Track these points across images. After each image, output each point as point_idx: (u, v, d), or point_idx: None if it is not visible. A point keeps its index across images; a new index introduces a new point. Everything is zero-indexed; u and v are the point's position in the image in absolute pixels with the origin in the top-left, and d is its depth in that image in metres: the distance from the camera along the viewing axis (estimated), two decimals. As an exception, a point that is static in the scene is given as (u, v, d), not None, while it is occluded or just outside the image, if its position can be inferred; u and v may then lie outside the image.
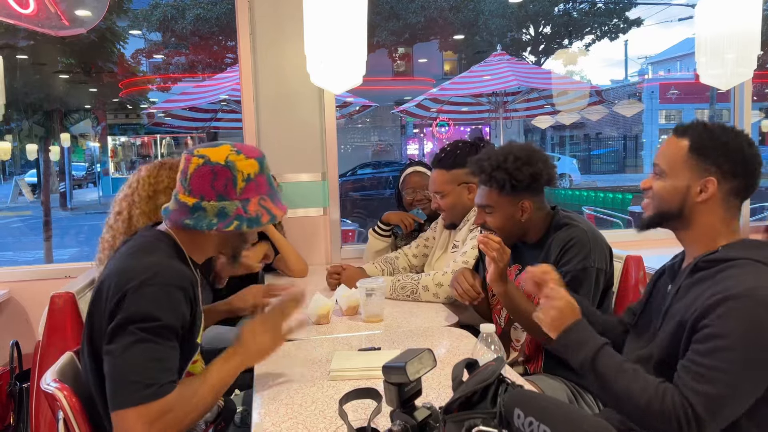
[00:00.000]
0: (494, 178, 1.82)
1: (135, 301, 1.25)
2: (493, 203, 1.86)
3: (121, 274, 1.29)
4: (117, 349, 1.23)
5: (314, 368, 1.58)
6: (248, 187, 1.39)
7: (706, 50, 2.85)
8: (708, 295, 1.22)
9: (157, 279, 1.28)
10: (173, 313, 1.28)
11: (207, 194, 1.37)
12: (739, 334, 1.16)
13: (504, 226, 1.87)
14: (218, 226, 1.36)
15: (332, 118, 3.13)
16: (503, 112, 8.80)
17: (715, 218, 1.34)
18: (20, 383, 2.41)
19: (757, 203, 6.45)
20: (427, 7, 17.12)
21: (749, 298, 1.17)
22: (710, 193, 1.33)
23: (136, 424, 1.19)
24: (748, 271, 1.23)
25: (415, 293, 2.22)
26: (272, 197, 1.45)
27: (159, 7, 16.37)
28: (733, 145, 1.32)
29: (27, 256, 9.41)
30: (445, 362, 1.52)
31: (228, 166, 1.37)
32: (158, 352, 1.24)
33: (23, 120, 13.06)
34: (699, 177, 1.33)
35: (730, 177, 1.33)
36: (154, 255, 1.34)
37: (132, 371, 1.21)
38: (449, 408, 0.93)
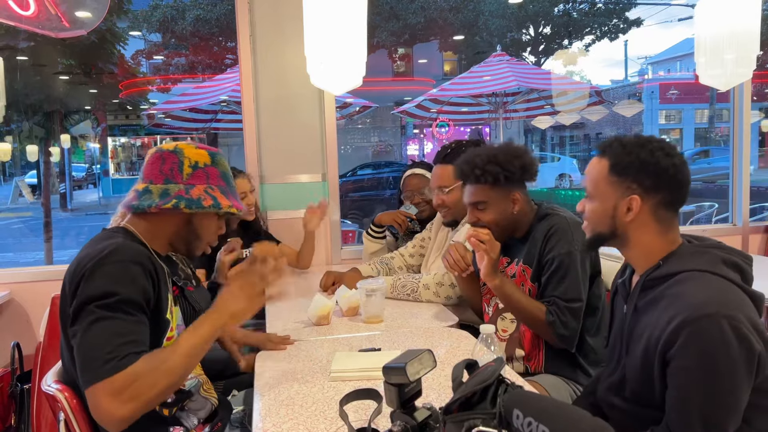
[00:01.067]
0: (488, 172, 1.84)
1: (91, 280, 1.27)
2: (486, 198, 1.88)
3: (78, 262, 1.33)
4: (78, 330, 1.25)
5: (315, 369, 1.58)
6: (195, 173, 1.44)
7: (706, 50, 2.85)
8: (666, 320, 1.21)
9: (112, 257, 1.29)
10: (132, 287, 1.29)
11: (155, 178, 1.44)
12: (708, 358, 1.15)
13: (498, 221, 1.89)
14: (157, 204, 1.40)
15: (332, 119, 3.13)
16: (503, 113, 8.80)
17: (649, 233, 1.33)
18: (21, 384, 2.42)
19: (756, 203, 6.45)
20: (427, 7, 17.12)
21: (705, 318, 1.16)
22: (636, 210, 1.32)
23: (103, 398, 1.20)
24: (693, 286, 1.23)
25: (415, 292, 2.22)
26: (223, 191, 1.47)
27: (159, 8, 16.36)
28: (649, 159, 1.30)
29: (27, 258, 9.41)
30: (445, 363, 1.52)
31: (175, 152, 1.45)
32: (119, 326, 1.25)
33: (23, 121, 13.06)
34: (622, 196, 1.32)
35: (652, 192, 1.31)
36: (109, 240, 1.36)
37: (93, 348, 1.23)
38: (449, 408, 0.93)
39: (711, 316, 1.16)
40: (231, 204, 1.47)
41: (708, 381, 1.16)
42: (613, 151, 1.35)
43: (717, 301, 1.18)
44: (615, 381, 1.38)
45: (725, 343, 1.15)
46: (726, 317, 1.16)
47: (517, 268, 1.92)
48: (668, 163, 1.30)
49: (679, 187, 1.32)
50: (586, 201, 1.41)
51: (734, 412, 1.18)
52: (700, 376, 1.16)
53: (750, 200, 3.73)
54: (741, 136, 3.65)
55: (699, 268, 1.25)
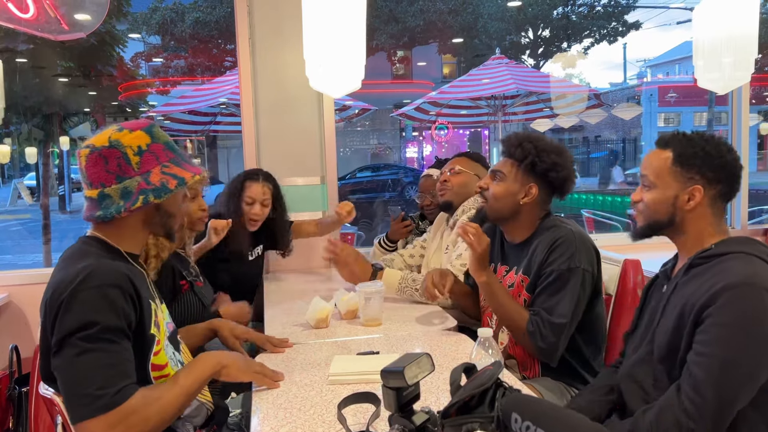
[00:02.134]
0: (522, 148, 1.85)
1: (69, 311, 1.20)
2: (506, 172, 1.88)
3: (54, 288, 1.25)
4: (62, 364, 1.20)
5: (313, 372, 1.58)
6: (144, 159, 1.35)
7: (704, 54, 2.86)
8: (707, 287, 1.25)
9: (88, 283, 1.23)
10: (112, 313, 1.23)
11: (106, 180, 1.33)
12: (742, 321, 1.19)
13: (502, 198, 1.88)
14: (126, 207, 1.31)
15: (331, 121, 3.13)
16: (502, 116, 8.81)
17: (704, 222, 1.40)
18: (19, 387, 2.41)
19: (755, 206, 6.45)
20: (426, 10, 17.15)
21: (748, 285, 1.21)
22: (697, 200, 1.38)
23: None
24: (741, 262, 1.28)
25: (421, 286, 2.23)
26: (176, 162, 1.40)
27: (158, 11, 16.39)
28: (714, 152, 1.38)
29: (26, 260, 9.41)
30: (443, 366, 1.52)
31: (114, 146, 1.33)
32: (105, 358, 1.20)
33: (22, 123, 13.06)
34: (685, 186, 1.39)
35: (714, 183, 1.39)
36: (82, 260, 1.30)
37: (81, 384, 1.18)
38: (447, 412, 0.93)
39: (753, 285, 1.21)
40: (193, 173, 1.41)
41: (735, 344, 1.19)
42: (678, 143, 1.42)
43: (761, 276, 1.24)
44: (642, 354, 1.41)
45: (762, 312, 1.19)
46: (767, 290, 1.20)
47: (516, 278, 1.89)
48: (730, 157, 1.39)
49: (735, 181, 1.40)
50: (643, 191, 1.46)
51: (749, 384, 1.20)
52: (730, 337, 1.19)
53: (748, 203, 3.73)
54: (739, 139, 3.66)
55: (749, 251, 1.31)
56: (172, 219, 1.45)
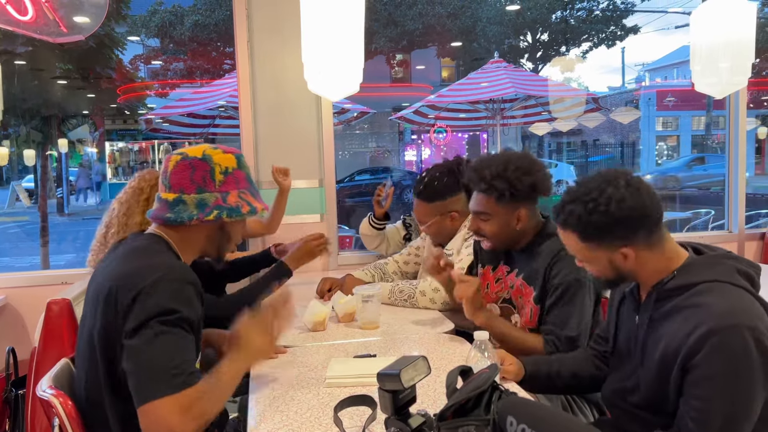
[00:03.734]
0: (494, 187, 1.81)
1: (152, 296, 1.25)
2: (490, 211, 1.85)
3: (131, 275, 1.29)
4: (140, 344, 1.23)
5: (310, 375, 1.58)
6: (227, 179, 1.42)
7: (701, 58, 2.87)
8: (687, 330, 1.22)
9: (170, 275, 1.29)
10: (189, 307, 1.29)
11: (186, 187, 1.40)
12: (731, 369, 1.17)
13: (498, 234, 1.88)
14: (198, 216, 1.39)
15: (329, 124, 3.14)
16: (500, 119, 8.80)
17: (652, 261, 1.34)
18: (16, 390, 2.41)
19: (752, 210, 6.46)
20: (425, 14, 17.18)
21: (729, 328, 1.18)
22: (633, 257, 1.33)
23: (172, 413, 1.17)
24: (714, 296, 1.24)
25: (412, 298, 2.23)
26: (253, 193, 1.47)
27: (157, 14, 16.40)
28: (605, 220, 1.30)
29: (24, 262, 9.38)
30: (440, 369, 1.52)
31: (205, 159, 1.41)
32: (181, 343, 1.25)
33: (21, 126, 13.06)
34: (612, 253, 1.34)
35: (632, 237, 1.32)
36: (157, 256, 1.36)
37: (160, 362, 1.21)
38: (443, 415, 0.93)
39: (735, 327, 1.18)
40: (263, 207, 1.48)
41: (730, 390, 1.17)
42: (572, 224, 1.36)
43: (739, 311, 1.21)
44: (627, 387, 1.39)
45: (747, 353, 1.17)
46: (749, 328, 1.18)
47: (516, 281, 1.90)
48: (623, 212, 1.29)
49: (647, 217, 1.32)
50: (584, 264, 1.43)
51: (750, 422, 1.20)
52: (723, 386, 1.18)
53: (746, 207, 3.74)
54: (737, 143, 3.66)
55: (718, 278, 1.27)
56: (228, 243, 1.52)
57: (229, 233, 1.49)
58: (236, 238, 1.53)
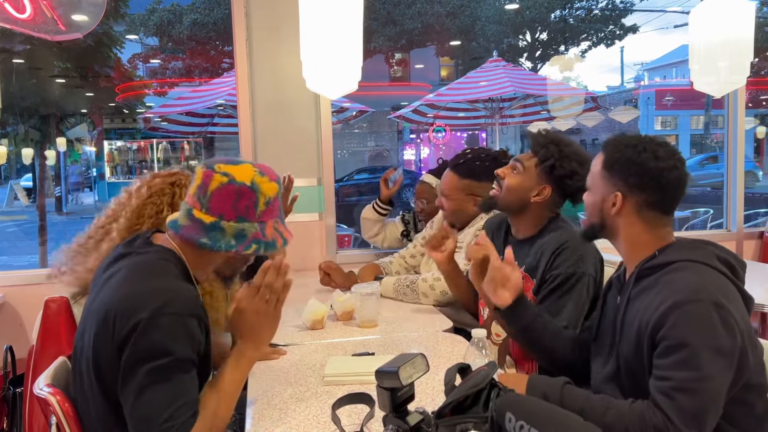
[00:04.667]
0: (546, 149, 1.84)
1: (147, 334, 1.19)
2: (526, 166, 1.88)
3: (130, 300, 1.23)
4: (131, 393, 1.20)
5: (308, 373, 1.58)
6: (267, 210, 1.34)
7: (700, 58, 2.87)
8: (656, 304, 1.24)
9: (170, 308, 1.22)
10: (189, 344, 1.23)
11: (227, 214, 1.31)
12: (695, 340, 1.18)
13: (515, 190, 1.88)
14: (237, 248, 1.31)
15: (328, 123, 3.13)
16: (499, 118, 8.80)
17: (636, 229, 1.38)
18: (14, 388, 2.40)
19: (750, 209, 6.47)
20: (424, 13, 17.17)
21: (695, 302, 1.20)
22: (618, 207, 1.37)
23: None
24: (687, 273, 1.26)
25: (414, 283, 2.26)
26: (282, 220, 1.41)
27: (156, 12, 16.38)
28: (638, 159, 1.34)
29: (22, 261, 9.38)
30: (438, 367, 1.52)
31: (253, 188, 1.32)
32: (174, 389, 1.20)
33: (19, 124, 13.05)
34: (609, 191, 1.39)
35: (636, 191, 1.36)
36: (163, 278, 1.29)
37: (149, 417, 1.18)
38: (441, 412, 0.93)
39: (701, 301, 1.20)
40: (291, 236, 1.41)
41: (694, 361, 1.17)
42: (609, 148, 1.41)
43: (709, 287, 1.22)
44: (610, 371, 1.39)
45: (712, 326, 1.18)
46: (716, 305, 1.19)
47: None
48: (654, 165, 1.33)
49: (662, 190, 1.35)
50: (587, 193, 1.48)
51: (714, 401, 1.19)
52: (687, 356, 1.18)
53: (744, 206, 3.74)
54: (735, 142, 3.67)
55: (694, 259, 1.29)
56: (243, 266, 1.50)
57: (247, 257, 1.45)
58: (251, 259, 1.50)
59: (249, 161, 1.39)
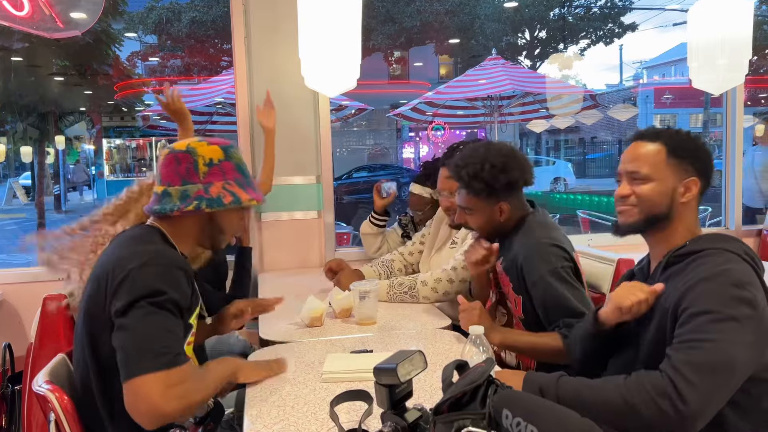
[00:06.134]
0: (471, 186, 1.86)
1: (141, 278, 1.28)
2: (472, 206, 1.90)
3: (121, 259, 1.32)
4: (130, 323, 1.25)
5: (307, 370, 1.58)
6: (211, 171, 1.44)
7: (698, 55, 2.87)
8: (682, 284, 1.27)
9: (159, 260, 1.32)
10: (177, 290, 1.31)
11: (173, 180, 1.44)
12: (717, 308, 1.20)
13: (483, 227, 1.92)
14: (180, 207, 1.42)
15: (327, 121, 3.13)
16: (498, 116, 8.81)
17: (691, 216, 1.42)
18: (12, 385, 2.41)
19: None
20: (423, 11, 17.15)
21: (720, 276, 1.24)
22: (693, 192, 1.40)
23: (154, 388, 1.20)
24: (715, 258, 1.29)
25: (413, 289, 2.23)
26: (241, 184, 1.48)
27: (155, 10, 16.35)
28: (702, 145, 1.43)
29: (20, 259, 9.36)
30: (436, 364, 1.52)
31: (189, 152, 1.45)
32: (169, 324, 1.27)
33: (17, 122, 13.03)
34: (682, 178, 1.40)
35: (704, 176, 1.42)
36: (151, 244, 1.40)
37: (147, 340, 1.24)
38: (439, 409, 0.93)
39: (727, 277, 1.23)
40: (251, 197, 1.49)
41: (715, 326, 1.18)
42: (669, 137, 1.43)
43: (736, 270, 1.26)
44: (626, 360, 1.40)
45: (735, 300, 1.20)
46: (743, 283, 1.22)
47: (500, 267, 1.93)
48: (709, 152, 1.44)
49: (711, 176, 1.43)
50: (634, 185, 1.43)
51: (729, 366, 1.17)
52: (704, 323, 1.19)
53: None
54: (734, 140, 3.67)
55: (724, 247, 1.32)
56: (222, 235, 1.54)
57: (220, 225, 1.51)
58: (231, 228, 1.54)
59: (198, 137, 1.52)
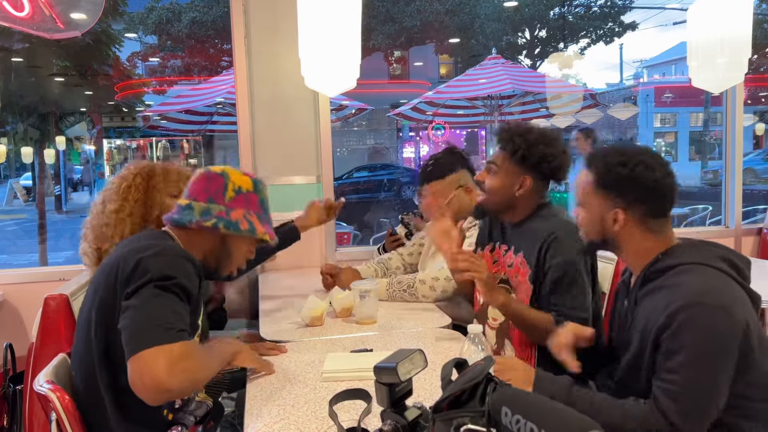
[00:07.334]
0: (512, 142, 1.84)
1: (151, 264, 1.31)
2: (499, 164, 1.88)
3: (134, 250, 1.36)
4: (137, 303, 1.28)
5: (307, 369, 1.58)
6: (238, 198, 1.51)
7: (698, 54, 2.88)
8: (662, 306, 1.26)
9: (168, 251, 1.37)
10: (186, 277, 1.34)
11: (199, 196, 1.51)
12: (699, 343, 1.21)
13: (498, 191, 1.89)
14: (198, 221, 1.46)
15: (327, 120, 3.13)
16: (498, 116, 8.80)
17: (640, 239, 1.38)
18: (14, 385, 2.41)
19: (749, 206, 6.47)
20: (423, 10, 17.14)
21: (701, 306, 1.22)
22: (621, 222, 1.37)
23: (159, 362, 1.20)
24: (694, 276, 1.28)
25: (411, 287, 2.23)
26: (261, 218, 1.54)
27: (155, 11, 16.34)
28: (632, 175, 1.35)
29: (21, 260, 9.37)
30: (436, 363, 1.52)
31: (222, 175, 1.52)
32: (176, 306, 1.30)
33: (18, 123, 13.03)
34: (608, 209, 1.38)
35: (636, 204, 1.36)
36: (162, 240, 1.46)
37: (153, 318, 1.26)
38: (438, 407, 0.93)
39: (704, 304, 1.22)
40: (266, 231, 1.54)
41: (696, 364, 1.20)
42: (598, 165, 1.40)
43: (712, 290, 1.24)
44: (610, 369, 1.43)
45: (715, 330, 1.20)
46: (722, 308, 1.21)
47: (516, 258, 1.89)
48: (649, 178, 1.34)
49: (661, 199, 1.37)
50: (578, 209, 1.47)
51: (715, 403, 1.22)
52: (690, 359, 1.21)
53: (743, 203, 3.74)
54: (734, 139, 3.67)
55: (699, 261, 1.30)
56: (229, 260, 1.58)
57: (230, 249, 1.55)
58: (238, 257, 1.58)
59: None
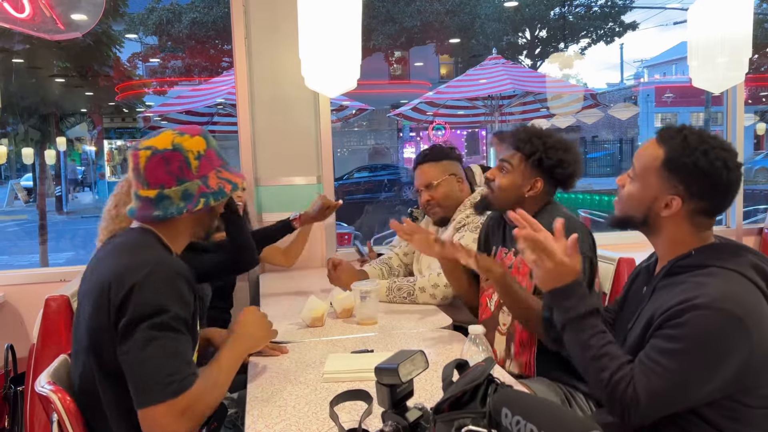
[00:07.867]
0: (531, 144, 1.85)
1: (142, 294, 1.25)
2: (514, 164, 1.88)
3: (122, 270, 1.29)
4: (132, 349, 1.24)
5: (308, 370, 1.58)
6: (202, 164, 1.41)
7: (698, 54, 2.88)
8: (678, 299, 1.23)
9: (160, 269, 1.29)
10: (181, 303, 1.29)
11: (166, 181, 1.38)
12: (699, 342, 1.19)
13: (508, 189, 1.89)
14: (188, 208, 1.38)
15: (327, 121, 3.14)
16: (499, 116, 8.82)
17: (681, 231, 1.33)
18: (15, 387, 2.41)
19: (750, 206, 6.47)
20: (423, 11, 17.14)
21: (713, 310, 1.18)
22: (673, 210, 1.30)
23: (167, 419, 1.21)
24: (719, 280, 1.23)
25: (411, 295, 2.22)
26: (225, 167, 1.48)
27: (155, 11, 16.35)
28: (710, 169, 1.26)
29: (22, 261, 9.38)
30: (437, 364, 1.52)
31: (176, 149, 1.39)
32: (173, 346, 1.26)
33: (19, 124, 13.04)
34: (666, 192, 1.30)
35: (696, 198, 1.29)
36: (149, 249, 1.37)
37: (152, 370, 1.23)
38: (439, 408, 0.93)
39: (721, 310, 1.18)
40: (241, 179, 1.49)
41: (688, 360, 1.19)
42: (674, 144, 1.30)
43: (735, 298, 1.19)
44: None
45: (722, 338, 1.18)
46: (735, 317, 1.17)
47: (515, 260, 1.90)
48: (723, 177, 1.26)
49: (723, 200, 1.31)
50: (627, 179, 1.39)
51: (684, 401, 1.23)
52: (681, 353, 1.20)
53: (744, 203, 3.75)
54: (735, 139, 3.67)
55: (730, 267, 1.25)
56: (214, 220, 1.55)
57: (215, 212, 1.52)
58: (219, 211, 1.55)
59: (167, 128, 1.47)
